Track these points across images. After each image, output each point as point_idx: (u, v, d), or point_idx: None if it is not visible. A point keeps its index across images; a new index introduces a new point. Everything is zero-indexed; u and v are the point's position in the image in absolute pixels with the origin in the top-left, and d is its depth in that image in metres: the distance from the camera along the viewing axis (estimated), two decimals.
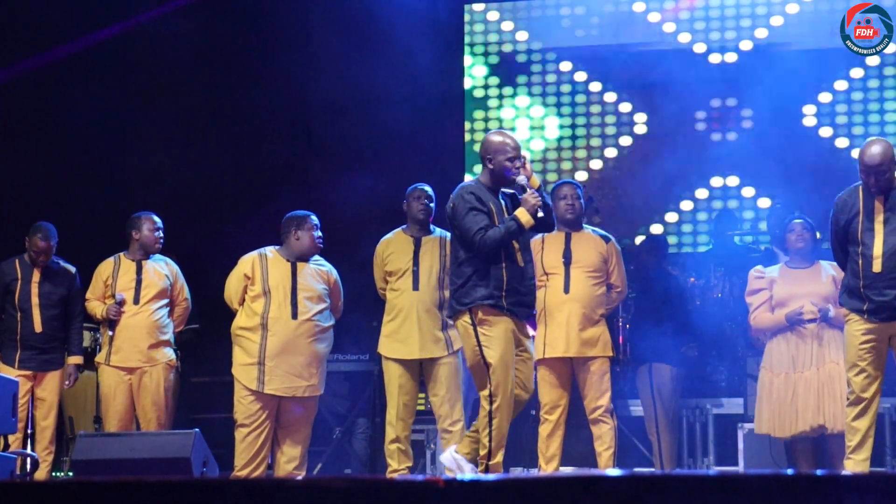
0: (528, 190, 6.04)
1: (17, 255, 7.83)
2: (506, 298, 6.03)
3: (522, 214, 6.01)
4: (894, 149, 6.17)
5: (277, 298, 7.11)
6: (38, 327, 7.71)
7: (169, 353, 7.61)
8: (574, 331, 6.96)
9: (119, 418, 7.47)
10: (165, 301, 7.62)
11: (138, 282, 7.57)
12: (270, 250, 7.26)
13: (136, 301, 7.53)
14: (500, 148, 6.12)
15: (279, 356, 7.06)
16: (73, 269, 7.86)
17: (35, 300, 7.71)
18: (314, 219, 7.28)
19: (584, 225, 7.30)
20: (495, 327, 6.04)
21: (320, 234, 7.28)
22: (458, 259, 6.15)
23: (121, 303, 7.46)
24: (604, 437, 6.97)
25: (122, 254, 7.68)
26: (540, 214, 6.01)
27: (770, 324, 7.19)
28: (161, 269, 7.65)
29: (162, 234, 7.68)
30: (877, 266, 6.11)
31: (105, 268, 7.67)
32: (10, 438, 7.45)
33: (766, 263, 8.51)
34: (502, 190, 6.21)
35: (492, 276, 6.04)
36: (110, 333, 7.50)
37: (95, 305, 7.61)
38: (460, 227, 6.07)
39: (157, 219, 7.71)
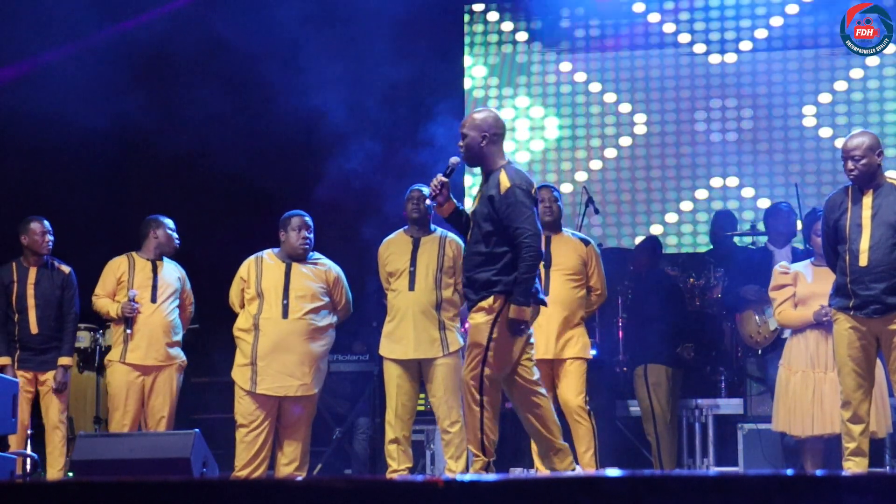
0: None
1: (14, 259, 7.84)
2: None
3: None
4: (879, 141, 6.16)
5: (270, 299, 7.17)
6: (33, 328, 7.72)
7: (181, 354, 7.67)
8: (553, 333, 7.04)
9: (132, 417, 7.48)
10: (178, 302, 7.68)
11: (154, 280, 7.61)
12: (268, 252, 7.34)
13: (154, 300, 7.56)
14: None
15: (270, 356, 7.10)
16: (67, 270, 7.88)
17: (31, 301, 7.73)
18: (303, 219, 7.30)
19: (564, 228, 7.36)
20: None
21: (306, 233, 7.27)
22: None
23: (132, 299, 7.47)
24: (582, 438, 6.99)
25: (134, 253, 7.71)
26: (427, 202, 6.23)
27: (796, 321, 7.05)
28: (174, 271, 7.73)
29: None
30: (863, 260, 6.04)
31: (119, 265, 7.66)
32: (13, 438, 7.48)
33: (765, 263, 8.50)
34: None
35: None
36: (128, 331, 7.48)
37: (106, 303, 7.59)
38: None
39: (172, 222, 7.81)
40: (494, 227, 5.86)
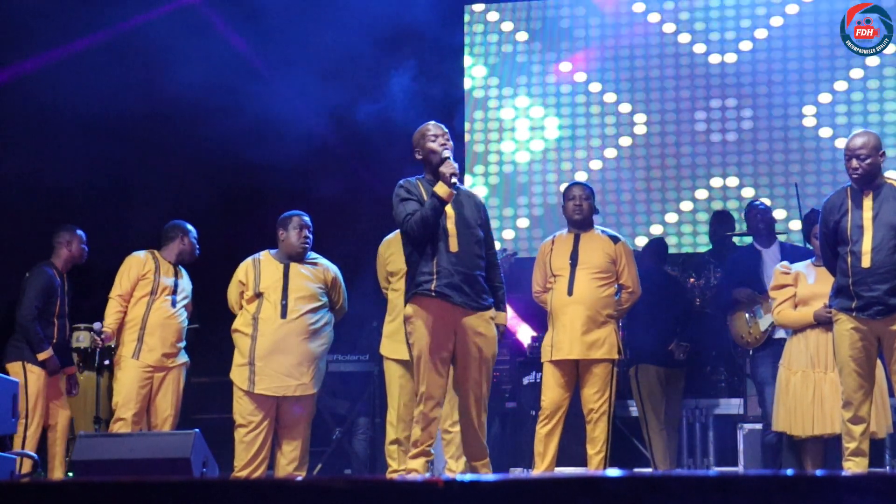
0: (446, 161, 6.05)
1: (45, 263, 7.88)
2: (436, 282, 5.99)
3: (440, 187, 5.99)
4: (881, 141, 6.16)
5: (269, 299, 7.18)
6: (67, 333, 7.98)
7: (185, 355, 7.78)
8: (577, 333, 6.91)
9: (137, 412, 7.52)
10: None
11: (176, 284, 7.68)
12: (265, 253, 7.36)
13: (174, 304, 7.65)
14: (422, 133, 6.20)
15: (269, 356, 7.11)
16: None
17: (67, 309, 7.94)
18: (302, 218, 7.31)
19: (596, 226, 7.26)
20: (420, 319, 6.03)
21: (307, 233, 7.29)
22: (405, 253, 6.21)
23: (99, 333, 7.52)
24: (597, 440, 6.90)
25: (157, 252, 7.74)
26: (454, 181, 5.98)
27: (795, 321, 7.02)
28: (188, 281, 7.83)
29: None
30: (866, 261, 6.04)
31: (144, 262, 7.68)
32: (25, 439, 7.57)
33: (752, 264, 8.49)
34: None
35: (422, 262, 6.04)
36: (106, 362, 7.63)
37: (116, 313, 7.60)
38: (395, 219, 6.13)
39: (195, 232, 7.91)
40: (485, 234, 6.18)
